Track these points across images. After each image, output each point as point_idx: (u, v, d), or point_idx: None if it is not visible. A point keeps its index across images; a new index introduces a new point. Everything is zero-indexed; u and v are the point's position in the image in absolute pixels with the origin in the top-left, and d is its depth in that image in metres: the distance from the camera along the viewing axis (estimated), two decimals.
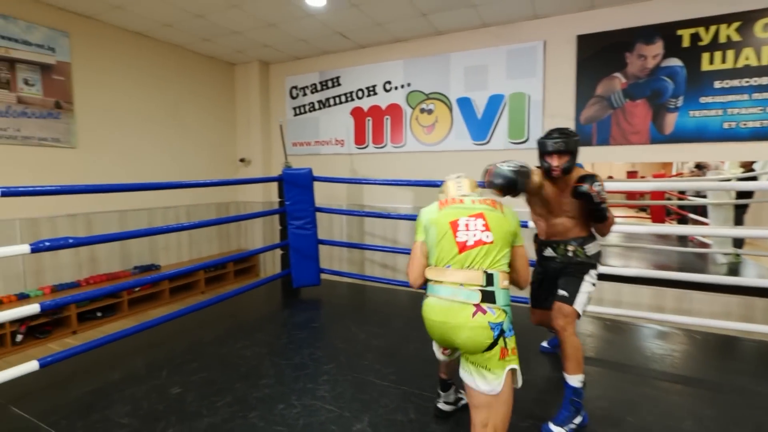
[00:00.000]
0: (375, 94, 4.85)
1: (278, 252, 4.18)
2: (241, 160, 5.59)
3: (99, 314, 3.95)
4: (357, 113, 4.99)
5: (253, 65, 5.43)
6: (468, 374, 1.43)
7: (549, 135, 1.95)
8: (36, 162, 3.70)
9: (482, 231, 1.48)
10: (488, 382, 1.37)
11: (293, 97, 5.42)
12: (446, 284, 1.46)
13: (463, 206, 1.57)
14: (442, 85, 4.49)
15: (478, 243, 1.46)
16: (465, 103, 4.40)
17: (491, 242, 1.46)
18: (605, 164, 4.20)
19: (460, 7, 3.74)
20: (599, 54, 3.87)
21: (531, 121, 4.13)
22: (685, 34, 3.60)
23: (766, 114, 3.40)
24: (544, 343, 2.62)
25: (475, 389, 1.40)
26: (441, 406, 1.89)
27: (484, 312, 1.38)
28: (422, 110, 4.63)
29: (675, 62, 3.64)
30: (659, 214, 5.67)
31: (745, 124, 3.48)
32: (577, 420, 1.79)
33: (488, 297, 1.40)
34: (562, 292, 1.97)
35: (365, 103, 4.93)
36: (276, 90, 5.57)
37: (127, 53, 4.35)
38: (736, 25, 3.44)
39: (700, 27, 3.55)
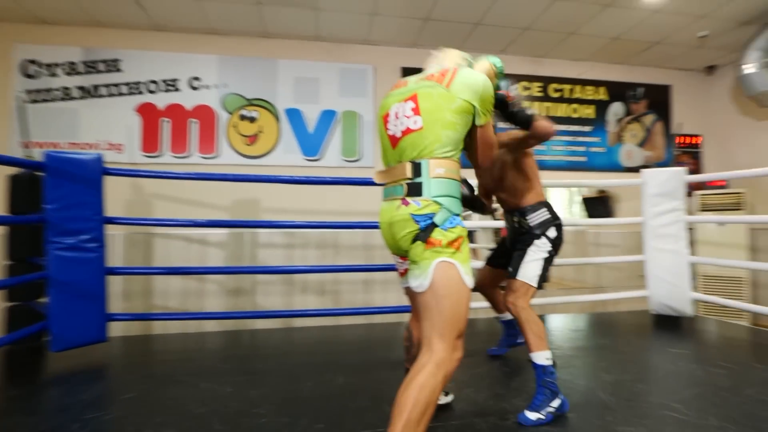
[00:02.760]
0: (176, 90, 3.79)
1: None
2: None
3: None
4: (147, 111, 3.74)
5: None
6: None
7: None
8: None
9: (409, 117, 1.25)
10: (416, 277, 1.22)
11: (29, 76, 3.61)
12: (388, 185, 1.32)
13: (401, 90, 1.33)
14: (269, 93, 3.94)
15: (406, 132, 1.26)
16: (295, 115, 3.97)
17: (420, 128, 1.23)
18: None
19: (302, 5, 3.44)
20: None
21: (364, 140, 4.09)
22: None
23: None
24: (493, 348, 2.38)
25: (412, 289, 1.25)
26: None
27: (407, 204, 1.23)
28: (243, 117, 3.89)
29: None
30: None
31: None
32: (555, 403, 1.58)
33: (414, 189, 1.23)
34: (509, 270, 1.88)
35: (160, 100, 3.76)
36: None
37: None
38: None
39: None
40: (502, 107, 1.66)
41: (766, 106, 3.79)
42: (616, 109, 4.54)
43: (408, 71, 4.22)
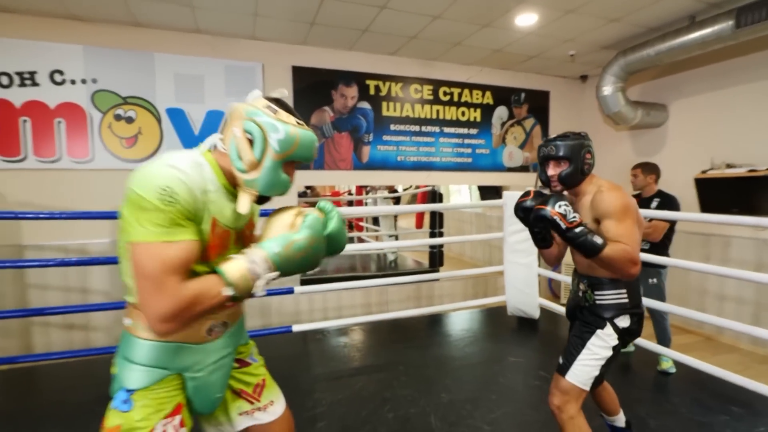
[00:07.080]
0: (35, 84, 3.43)
1: None
2: None
3: None
4: (1, 110, 3.38)
5: None
6: None
7: (546, 140, 1.63)
8: None
9: None
10: None
11: None
12: None
13: None
14: (146, 90, 3.71)
15: None
16: (178, 116, 3.80)
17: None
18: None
19: (174, 2, 3.21)
20: (312, 87, 4.24)
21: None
22: (371, 84, 4.48)
23: (419, 152, 4.70)
24: None
25: None
26: None
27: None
28: (118, 117, 3.66)
29: (366, 105, 4.47)
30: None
31: (409, 158, 4.67)
32: None
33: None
34: (559, 359, 1.59)
35: (16, 96, 3.39)
36: None
37: None
38: (400, 84, 4.58)
39: (379, 81, 4.51)
40: (558, 230, 1.41)
41: (619, 124, 4.28)
42: (501, 112, 4.86)
43: (299, 70, 4.16)
